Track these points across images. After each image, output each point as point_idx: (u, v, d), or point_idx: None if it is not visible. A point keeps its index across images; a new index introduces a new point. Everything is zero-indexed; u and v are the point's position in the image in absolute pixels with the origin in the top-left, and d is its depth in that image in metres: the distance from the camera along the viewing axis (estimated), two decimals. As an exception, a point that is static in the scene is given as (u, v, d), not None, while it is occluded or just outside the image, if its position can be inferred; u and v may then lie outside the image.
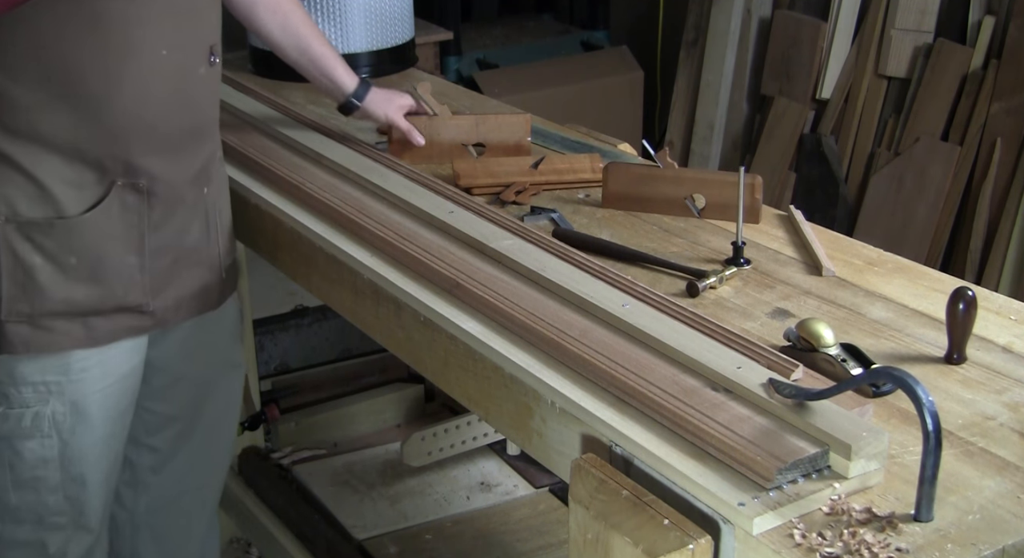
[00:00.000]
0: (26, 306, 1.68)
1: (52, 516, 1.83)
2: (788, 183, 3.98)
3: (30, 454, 1.77)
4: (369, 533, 2.45)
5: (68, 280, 1.69)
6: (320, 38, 2.06)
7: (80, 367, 1.74)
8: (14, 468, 1.79)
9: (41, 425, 1.75)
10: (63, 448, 1.78)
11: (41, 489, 1.81)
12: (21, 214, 1.65)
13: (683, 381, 1.34)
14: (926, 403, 1.11)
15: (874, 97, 3.79)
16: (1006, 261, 3.46)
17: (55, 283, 1.68)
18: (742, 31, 4.11)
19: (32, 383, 1.73)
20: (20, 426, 1.75)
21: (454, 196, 1.85)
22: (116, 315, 1.74)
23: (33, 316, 1.68)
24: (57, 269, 1.68)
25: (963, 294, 1.42)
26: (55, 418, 1.76)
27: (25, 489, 1.80)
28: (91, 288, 1.70)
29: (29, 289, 1.67)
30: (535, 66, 4.23)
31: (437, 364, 1.61)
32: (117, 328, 1.75)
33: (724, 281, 1.65)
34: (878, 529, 1.13)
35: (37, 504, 1.82)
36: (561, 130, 2.28)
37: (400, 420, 2.86)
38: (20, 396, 1.74)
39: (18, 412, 1.75)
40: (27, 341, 1.69)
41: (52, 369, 1.73)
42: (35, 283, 1.67)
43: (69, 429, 1.77)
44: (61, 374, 1.73)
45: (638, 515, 1.20)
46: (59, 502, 1.82)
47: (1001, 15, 3.50)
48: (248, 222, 2.02)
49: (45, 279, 1.67)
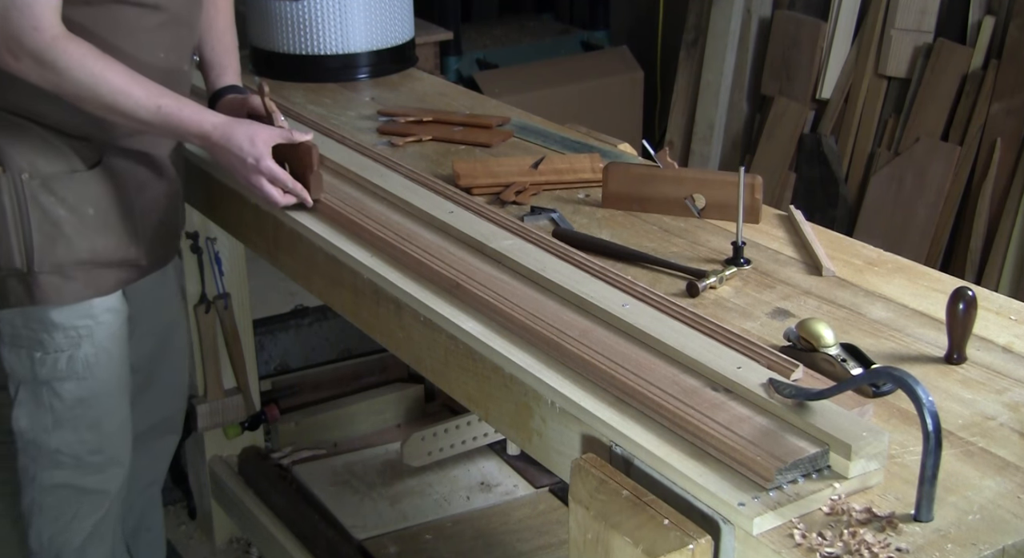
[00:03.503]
0: (55, 257, 1.83)
1: (90, 455, 1.99)
2: (788, 183, 3.98)
3: (68, 394, 1.93)
4: (369, 533, 2.45)
5: (89, 230, 1.85)
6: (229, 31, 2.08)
7: (102, 312, 1.90)
8: (54, 409, 1.94)
9: (76, 367, 1.91)
10: (97, 386, 1.94)
11: (80, 427, 1.96)
12: (41, 169, 1.80)
13: (683, 381, 1.34)
14: (926, 403, 1.11)
15: (874, 97, 3.79)
16: (1006, 261, 3.46)
17: (79, 233, 1.84)
18: (742, 31, 4.11)
19: (64, 328, 1.88)
20: (57, 369, 1.91)
21: (454, 196, 1.85)
22: (120, 266, 1.91)
23: (62, 266, 1.84)
24: (79, 220, 1.84)
25: (963, 294, 1.42)
26: (87, 360, 1.91)
27: (65, 429, 1.96)
28: (107, 239, 1.87)
29: (58, 240, 1.82)
30: (535, 66, 4.24)
31: (437, 364, 1.61)
32: (119, 278, 1.92)
33: (724, 281, 1.65)
34: (878, 529, 1.13)
35: (76, 443, 1.97)
36: (561, 130, 2.28)
37: (400, 420, 2.86)
38: (54, 341, 1.89)
39: (53, 356, 1.90)
40: (59, 290, 1.85)
41: (80, 314, 1.88)
42: (62, 234, 1.83)
43: (101, 368, 1.93)
44: (89, 318, 1.89)
45: (638, 515, 1.20)
46: (96, 438, 1.98)
47: (1001, 15, 3.50)
48: (248, 222, 2.02)
49: (70, 230, 1.83)
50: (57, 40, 1.66)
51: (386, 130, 2.27)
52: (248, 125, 1.78)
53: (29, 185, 1.80)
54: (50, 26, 1.66)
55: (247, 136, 1.76)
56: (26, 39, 1.64)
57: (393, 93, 2.53)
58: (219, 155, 1.79)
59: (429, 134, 2.24)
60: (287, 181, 1.79)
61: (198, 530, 2.85)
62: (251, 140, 1.76)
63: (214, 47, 2.05)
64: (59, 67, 1.67)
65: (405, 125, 2.28)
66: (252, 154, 1.76)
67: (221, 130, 1.76)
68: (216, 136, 1.76)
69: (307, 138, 1.80)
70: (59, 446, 1.97)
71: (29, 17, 1.64)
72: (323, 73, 2.57)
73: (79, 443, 1.97)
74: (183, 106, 1.75)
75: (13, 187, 1.79)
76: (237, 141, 1.76)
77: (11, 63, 1.68)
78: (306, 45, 2.56)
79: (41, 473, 2.00)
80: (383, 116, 2.34)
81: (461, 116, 2.33)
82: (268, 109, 1.89)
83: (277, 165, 1.78)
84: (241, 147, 1.76)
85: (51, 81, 1.68)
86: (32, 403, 1.95)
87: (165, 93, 1.74)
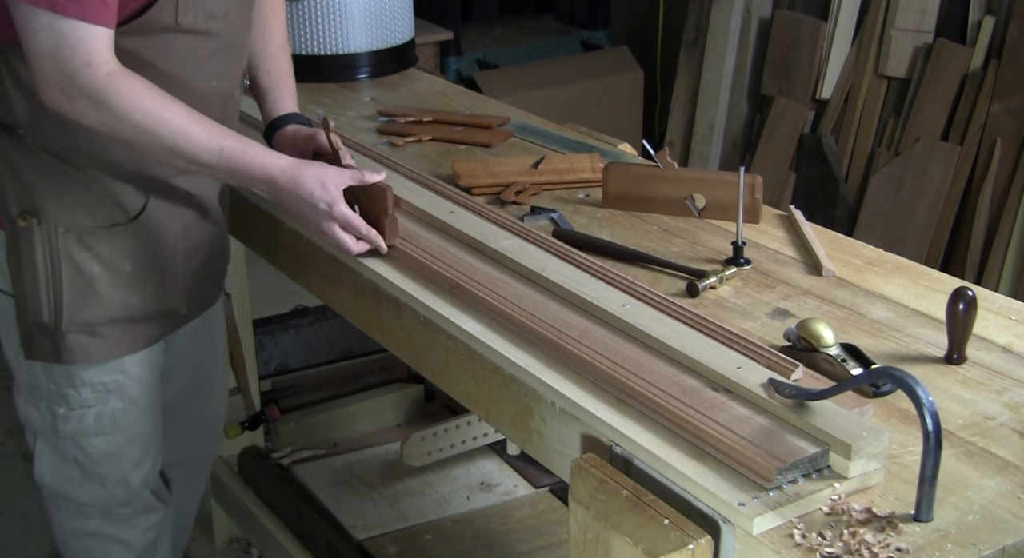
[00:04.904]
0: (85, 315, 1.73)
1: (118, 508, 1.91)
2: (788, 183, 3.98)
3: (95, 450, 1.84)
4: (369, 533, 2.45)
5: (124, 287, 1.74)
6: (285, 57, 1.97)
7: (132, 365, 1.81)
8: (80, 464, 1.85)
9: (103, 423, 1.82)
10: (124, 441, 1.85)
11: (108, 483, 1.88)
12: (79, 223, 1.70)
13: (683, 381, 1.34)
14: (926, 403, 1.12)
15: (874, 97, 3.79)
16: (1006, 261, 3.46)
17: (112, 291, 1.73)
18: (742, 31, 4.11)
19: (91, 384, 1.79)
20: (83, 425, 1.81)
21: (454, 196, 1.85)
22: (159, 318, 1.81)
23: (92, 325, 1.73)
24: (114, 277, 1.73)
25: (963, 294, 1.42)
26: (115, 415, 1.82)
27: (93, 484, 1.87)
28: (143, 294, 1.76)
29: (89, 298, 1.72)
30: (535, 66, 4.24)
31: (437, 364, 1.61)
32: (154, 332, 1.82)
33: (724, 281, 1.65)
34: (878, 529, 1.13)
35: (104, 498, 1.89)
36: (561, 130, 2.28)
37: (400, 420, 2.86)
38: (80, 397, 1.79)
39: (79, 413, 1.80)
40: (86, 350, 1.75)
41: (110, 370, 1.79)
42: (95, 292, 1.72)
43: (129, 423, 1.84)
44: (119, 373, 1.80)
45: (638, 515, 1.20)
46: (124, 493, 1.90)
47: (1001, 15, 3.50)
48: (248, 222, 2.02)
49: (103, 287, 1.73)
50: (112, 77, 1.52)
51: (386, 130, 2.27)
52: (317, 167, 1.64)
53: (64, 239, 1.69)
54: (104, 62, 1.52)
55: (318, 180, 1.62)
56: (80, 77, 1.51)
57: (393, 93, 2.54)
58: (287, 201, 1.64)
59: (429, 134, 2.24)
60: (361, 227, 1.65)
61: (198, 530, 2.85)
62: (322, 185, 1.62)
63: (269, 71, 1.91)
64: (114, 106, 1.53)
65: (405, 125, 2.28)
66: (324, 200, 1.61)
67: (289, 174, 1.62)
68: (283, 181, 1.62)
69: (380, 178, 1.66)
70: (87, 500, 1.89)
71: (83, 53, 1.50)
72: (323, 73, 2.57)
73: (107, 498, 1.89)
74: (247, 148, 1.61)
75: (47, 241, 1.68)
76: (307, 186, 1.61)
77: (64, 105, 1.54)
78: (306, 45, 2.56)
79: (68, 521, 1.92)
80: (383, 116, 2.34)
81: (461, 116, 2.33)
82: (334, 146, 1.75)
83: (351, 210, 1.64)
84: (312, 193, 1.61)
85: (107, 124, 1.55)
86: (55, 457, 1.85)
87: (229, 134, 1.61)
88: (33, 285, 1.70)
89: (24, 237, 1.68)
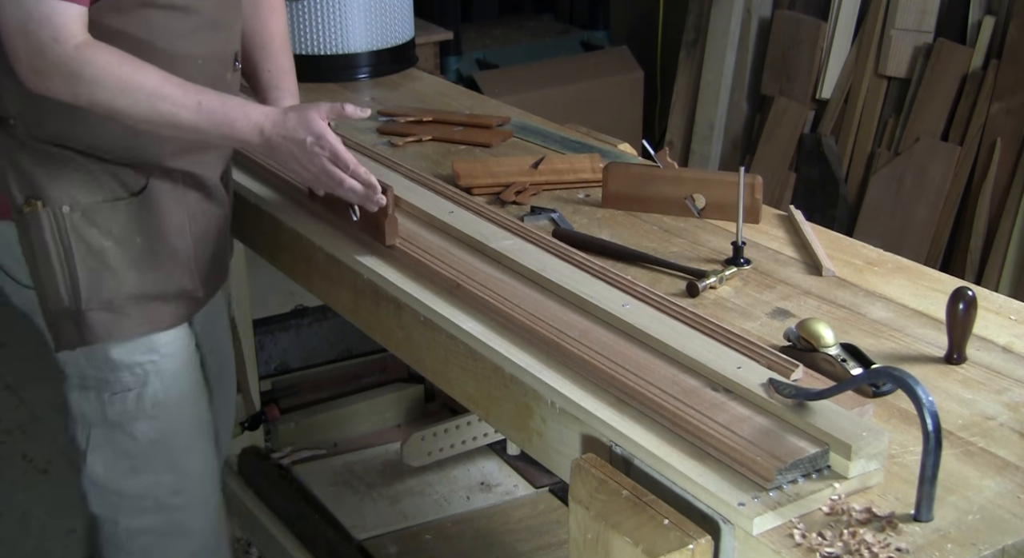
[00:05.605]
0: (104, 292, 1.74)
1: (171, 497, 1.90)
2: (788, 183, 3.98)
3: (142, 436, 1.84)
4: (369, 533, 2.45)
5: (137, 263, 1.75)
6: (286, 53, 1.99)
7: (165, 345, 1.81)
8: (131, 453, 1.86)
9: (144, 406, 1.83)
10: (169, 425, 1.86)
11: (159, 469, 1.88)
12: (81, 200, 1.71)
13: (683, 381, 1.34)
14: (926, 403, 1.12)
15: (874, 97, 3.79)
16: (1006, 261, 3.46)
17: (127, 266, 1.75)
18: (742, 31, 4.11)
19: (127, 366, 1.80)
20: (126, 409, 1.82)
21: (454, 196, 1.85)
22: (177, 300, 1.82)
23: (111, 302, 1.74)
24: (126, 251, 1.74)
25: (963, 294, 1.42)
26: (156, 398, 1.83)
27: (144, 472, 1.87)
28: (157, 271, 1.77)
29: (104, 275, 1.73)
30: (535, 66, 4.24)
31: (437, 364, 1.61)
32: (177, 313, 1.83)
33: (724, 281, 1.65)
34: (878, 529, 1.13)
35: (156, 486, 1.89)
36: (561, 130, 2.28)
37: (400, 420, 2.86)
38: (120, 380, 1.80)
39: (122, 396, 1.81)
40: (108, 327, 1.76)
41: (141, 350, 1.79)
42: (108, 267, 1.73)
43: (172, 406, 1.85)
44: (153, 352, 1.80)
45: (638, 515, 1.20)
46: (174, 480, 1.90)
47: (1001, 15, 3.50)
48: (248, 222, 2.02)
49: (117, 262, 1.74)
50: (80, 49, 1.54)
51: (386, 130, 2.27)
52: (301, 107, 1.66)
53: (70, 218, 1.70)
54: (72, 35, 1.53)
55: (302, 118, 1.63)
56: (48, 52, 1.53)
57: (393, 93, 2.54)
58: (275, 144, 1.64)
59: (429, 134, 2.24)
60: (349, 162, 1.64)
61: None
62: (306, 120, 1.63)
63: (269, 70, 1.94)
64: (86, 77, 1.54)
65: (405, 125, 2.28)
66: (312, 132, 1.62)
67: (273, 116, 1.64)
68: (268, 125, 1.63)
69: (364, 115, 1.66)
70: (141, 491, 1.89)
71: (49, 29, 1.52)
72: (323, 73, 2.57)
73: (158, 486, 1.89)
74: (226, 100, 1.62)
75: (54, 221, 1.69)
76: (292, 124, 1.63)
77: (39, 84, 1.56)
78: (306, 45, 2.56)
79: (124, 520, 1.92)
80: (383, 116, 2.34)
81: (461, 116, 2.33)
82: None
83: (340, 144, 1.64)
84: (297, 128, 1.63)
85: (83, 96, 1.56)
86: (108, 447, 1.86)
87: (204, 90, 1.62)
88: (48, 270, 1.72)
89: (32, 222, 1.70)
